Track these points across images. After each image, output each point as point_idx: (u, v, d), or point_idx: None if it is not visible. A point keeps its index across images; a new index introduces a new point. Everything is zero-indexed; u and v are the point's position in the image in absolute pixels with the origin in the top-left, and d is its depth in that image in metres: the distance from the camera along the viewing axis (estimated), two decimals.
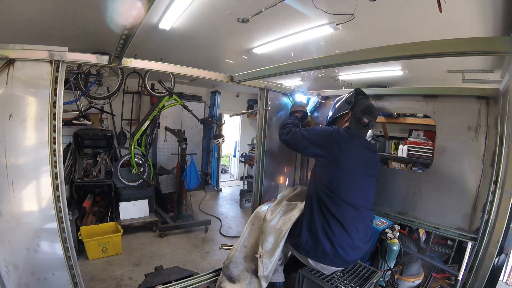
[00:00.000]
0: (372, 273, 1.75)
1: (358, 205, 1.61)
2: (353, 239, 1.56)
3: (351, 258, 1.60)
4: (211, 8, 2.37)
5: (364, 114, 1.73)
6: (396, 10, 2.18)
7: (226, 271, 1.90)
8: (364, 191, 1.67)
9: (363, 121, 1.72)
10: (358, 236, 1.59)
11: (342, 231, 1.55)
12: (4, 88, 1.32)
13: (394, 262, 2.58)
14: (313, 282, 1.63)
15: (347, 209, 1.57)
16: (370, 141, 5.00)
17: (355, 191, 1.61)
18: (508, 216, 1.44)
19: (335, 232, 1.54)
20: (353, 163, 1.63)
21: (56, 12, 2.51)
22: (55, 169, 1.43)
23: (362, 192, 1.65)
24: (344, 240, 1.54)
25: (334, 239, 1.54)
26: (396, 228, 2.72)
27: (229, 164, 8.87)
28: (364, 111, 1.75)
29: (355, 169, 1.63)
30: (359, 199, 1.62)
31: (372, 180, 1.74)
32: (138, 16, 1.07)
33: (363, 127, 1.75)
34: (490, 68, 3.05)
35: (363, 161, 1.68)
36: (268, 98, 2.41)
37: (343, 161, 1.61)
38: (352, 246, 1.56)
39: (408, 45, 1.09)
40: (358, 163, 1.65)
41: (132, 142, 4.08)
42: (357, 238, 1.58)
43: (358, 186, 1.64)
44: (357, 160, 1.65)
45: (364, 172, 1.67)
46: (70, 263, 1.50)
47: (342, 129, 1.73)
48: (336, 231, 1.55)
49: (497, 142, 1.59)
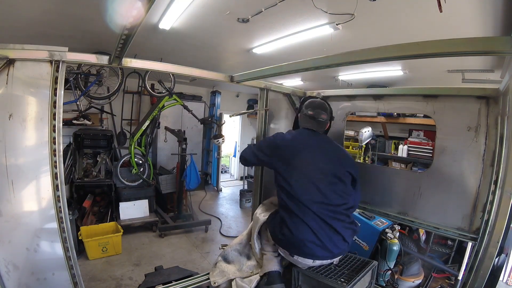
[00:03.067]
0: (367, 263, 1.75)
1: (315, 202, 1.59)
2: (317, 235, 1.56)
3: (319, 253, 1.58)
4: (211, 8, 2.37)
5: (307, 108, 1.85)
6: (396, 10, 2.18)
7: (222, 254, 2.05)
8: (322, 188, 1.62)
9: (309, 114, 1.83)
10: (322, 233, 1.57)
11: (302, 226, 1.58)
12: (4, 88, 1.32)
13: (394, 262, 2.58)
14: (308, 276, 1.64)
15: (302, 206, 1.60)
16: (370, 141, 5.02)
17: (308, 189, 1.61)
18: (508, 216, 1.44)
19: (294, 223, 1.60)
20: (299, 161, 1.67)
21: (56, 12, 2.51)
22: (55, 169, 1.43)
23: (319, 190, 1.62)
24: (305, 235, 1.57)
25: (295, 232, 1.59)
26: (396, 228, 2.73)
27: (229, 164, 8.87)
28: (307, 107, 1.86)
29: (304, 167, 1.66)
30: (315, 196, 1.60)
31: (329, 176, 1.66)
32: (138, 16, 1.07)
33: (312, 120, 1.82)
34: (490, 68, 3.05)
35: (315, 158, 1.69)
36: (268, 98, 2.41)
37: (288, 161, 1.69)
38: (313, 242, 1.56)
39: (408, 45, 1.09)
40: (307, 161, 1.68)
41: (132, 142, 4.08)
42: (321, 235, 1.57)
43: (311, 183, 1.62)
44: (305, 158, 1.68)
45: (318, 169, 1.66)
46: (70, 263, 1.50)
47: (287, 132, 1.90)
48: (295, 226, 1.59)
49: (497, 142, 1.59)
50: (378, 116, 4.79)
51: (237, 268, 1.97)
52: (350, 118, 2.88)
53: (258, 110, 2.43)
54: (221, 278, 1.92)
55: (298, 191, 1.61)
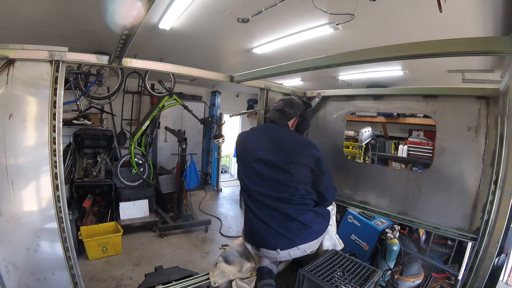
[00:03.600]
0: (372, 272, 1.75)
1: (263, 194, 1.65)
2: (271, 225, 1.62)
3: (278, 243, 1.63)
4: (211, 8, 2.37)
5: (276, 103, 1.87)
6: (396, 10, 2.18)
7: (223, 254, 2.04)
8: (266, 179, 1.66)
9: (274, 106, 1.85)
10: (275, 223, 1.63)
11: (257, 219, 1.66)
12: (4, 88, 1.32)
13: (394, 262, 2.58)
14: (313, 282, 1.63)
15: (253, 199, 1.67)
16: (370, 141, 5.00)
17: (254, 181, 1.67)
18: (508, 216, 1.44)
19: (250, 218, 1.69)
20: (247, 154, 1.73)
21: (56, 12, 2.51)
22: (55, 169, 1.43)
23: (264, 181, 1.66)
24: (260, 227, 1.65)
25: (252, 226, 1.69)
26: (396, 228, 2.73)
27: (229, 164, 8.87)
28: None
29: (250, 159, 1.70)
30: (262, 188, 1.65)
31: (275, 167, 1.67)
32: (138, 16, 1.07)
33: (274, 111, 1.82)
34: (490, 68, 3.05)
35: (260, 149, 1.70)
36: (268, 98, 2.41)
37: (240, 155, 1.78)
38: (269, 233, 1.63)
39: (408, 45, 1.09)
40: (253, 153, 1.70)
41: (132, 142, 4.08)
42: (275, 224, 1.62)
43: (256, 175, 1.67)
44: (253, 151, 1.71)
45: (262, 159, 1.68)
46: (70, 263, 1.50)
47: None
48: (252, 220, 1.68)
49: (497, 142, 1.59)
50: (378, 116, 4.79)
51: (237, 269, 1.96)
52: (350, 118, 2.88)
53: (258, 110, 2.43)
54: (221, 279, 1.92)
55: (247, 184, 1.68)
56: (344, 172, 2.46)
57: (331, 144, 2.50)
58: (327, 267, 1.69)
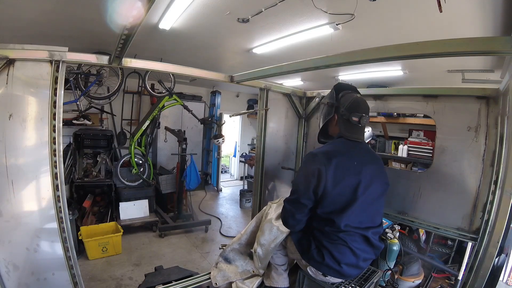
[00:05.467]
0: (373, 273, 1.75)
1: (364, 227, 1.46)
2: (358, 259, 1.46)
3: (352, 273, 1.52)
4: (211, 8, 2.37)
5: (351, 113, 1.49)
6: (396, 10, 2.18)
7: (223, 254, 2.02)
8: (369, 210, 1.47)
9: (353, 120, 1.48)
10: (363, 256, 1.49)
11: (346, 251, 1.44)
12: (4, 88, 1.32)
13: (394, 262, 2.57)
14: (313, 281, 1.63)
15: (348, 231, 1.43)
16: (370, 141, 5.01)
17: (355, 214, 1.43)
18: (508, 216, 1.44)
19: (339, 252, 1.44)
20: (344, 185, 1.41)
21: (56, 13, 2.51)
22: (55, 169, 1.43)
23: (366, 212, 1.46)
24: (348, 259, 1.45)
25: (338, 257, 1.44)
26: (396, 228, 2.72)
27: (229, 164, 8.86)
28: (350, 109, 1.50)
29: (349, 190, 1.43)
30: (364, 221, 1.45)
31: (378, 194, 1.51)
32: (138, 16, 1.07)
33: (356, 127, 1.51)
34: (490, 68, 3.05)
35: (360, 176, 1.44)
36: (268, 98, 2.41)
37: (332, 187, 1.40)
38: (353, 265, 1.47)
39: (408, 45, 1.09)
40: (351, 182, 1.43)
41: (132, 142, 4.08)
42: (361, 258, 1.48)
43: (359, 207, 1.43)
44: (349, 180, 1.43)
45: (365, 187, 1.44)
46: (70, 263, 1.51)
47: (319, 151, 1.49)
48: (338, 251, 1.44)
49: (497, 142, 1.59)
50: (378, 116, 4.79)
51: (238, 268, 1.96)
52: None
53: (258, 110, 2.43)
54: (222, 280, 1.91)
55: (345, 218, 1.41)
56: None
57: None
58: None
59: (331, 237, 1.44)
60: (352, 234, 1.43)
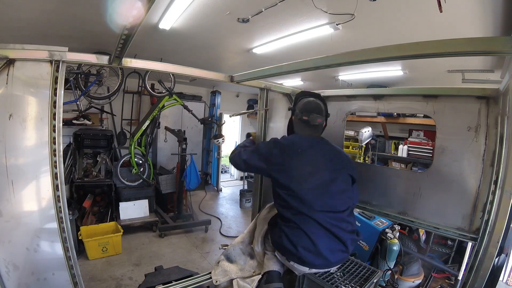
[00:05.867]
0: (372, 273, 1.75)
1: (318, 211, 1.54)
2: (316, 245, 1.51)
3: (316, 262, 1.55)
4: (211, 8, 2.37)
5: (302, 113, 1.74)
6: (396, 10, 2.18)
7: (225, 252, 2.06)
8: (327, 196, 1.57)
9: (303, 119, 1.72)
10: (326, 245, 1.53)
11: (302, 235, 1.53)
12: (4, 88, 1.32)
13: (394, 262, 2.58)
14: (313, 282, 1.63)
15: (303, 216, 1.55)
16: (370, 141, 5.00)
17: (310, 198, 1.55)
18: (508, 216, 1.44)
19: (295, 236, 1.55)
20: (301, 169, 1.59)
21: (56, 13, 2.51)
22: (55, 169, 1.43)
23: (324, 198, 1.57)
24: (304, 244, 1.53)
25: (294, 239, 1.54)
26: (396, 228, 2.73)
27: (229, 164, 8.84)
28: (302, 110, 1.75)
29: (307, 175, 1.58)
30: (319, 205, 1.55)
31: (336, 182, 1.62)
32: (138, 16, 1.07)
33: (308, 126, 1.73)
34: (490, 68, 3.05)
35: (315, 163, 1.62)
36: (268, 98, 2.41)
37: (289, 169, 1.59)
38: (311, 251, 1.52)
39: (408, 45, 1.09)
40: (308, 167, 1.60)
41: (132, 142, 4.08)
42: (321, 244, 1.52)
43: (315, 193, 1.56)
44: (306, 165, 1.61)
45: (322, 176, 1.60)
46: (70, 263, 1.50)
47: (282, 138, 1.78)
48: (295, 235, 1.55)
49: (497, 142, 1.59)
50: (378, 116, 4.80)
51: (239, 267, 1.97)
52: (350, 118, 2.88)
53: (258, 110, 2.43)
54: (223, 277, 1.93)
55: (297, 200, 1.56)
56: None
57: None
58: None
59: (288, 220, 1.60)
60: (304, 218, 1.55)
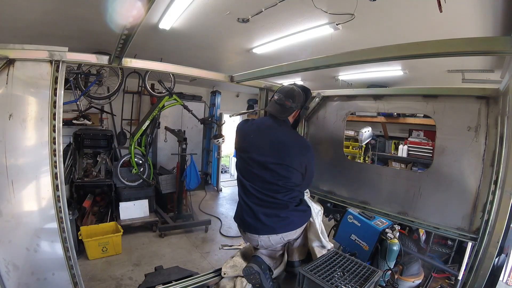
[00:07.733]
0: (372, 272, 1.75)
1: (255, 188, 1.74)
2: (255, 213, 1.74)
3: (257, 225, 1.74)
4: (211, 8, 2.37)
5: (275, 93, 1.86)
6: (396, 10, 2.18)
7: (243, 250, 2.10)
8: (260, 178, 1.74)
9: (273, 98, 1.84)
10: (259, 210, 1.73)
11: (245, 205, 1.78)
12: (4, 88, 1.32)
13: (394, 262, 2.57)
14: (313, 281, 1.63)
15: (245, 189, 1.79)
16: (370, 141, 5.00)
17: (250, 177, 1.77)
18: (508, 216, 1.44)
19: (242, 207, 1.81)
20: (245, 152, 1.80)
21: (56, 13, 2.51)
22: (55, 169, 1.43)
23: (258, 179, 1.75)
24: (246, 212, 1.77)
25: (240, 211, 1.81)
26: (396, 228, 2.72)
27: (229, 164, 8.86)
28: (276, 92, 1.87)
29: (249, 160, 1.78)
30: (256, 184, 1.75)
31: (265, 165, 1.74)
32: (138, 16, 1.07)
33: (273, 104, 1.82)
34: (490, 68, 3.05)
35: (260, 152, 1.75)
36: (268, 98, 2.41)
37: (238, 150, 1.86)
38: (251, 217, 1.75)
39: (408, 45, 1.09)
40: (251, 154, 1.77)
41: (132, 142, 4.08)
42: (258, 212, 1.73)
43: (253, 173, 1.75)
44: (251, 152, 1.78)
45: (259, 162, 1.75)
46: (70, 263, 1.50)
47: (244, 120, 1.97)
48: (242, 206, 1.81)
49: (497, 142, 1.59)
50: (378, 116, 4.79)
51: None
52: (350, 118, 2.87)
53: (258, 110, 2.43)
54: (232, 271, 1.94)
55: (242, 179, 1.80)
56: (344, 172, 2.46)
57: (331, 144, 2.50)
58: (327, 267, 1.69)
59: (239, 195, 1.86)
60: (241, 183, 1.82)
